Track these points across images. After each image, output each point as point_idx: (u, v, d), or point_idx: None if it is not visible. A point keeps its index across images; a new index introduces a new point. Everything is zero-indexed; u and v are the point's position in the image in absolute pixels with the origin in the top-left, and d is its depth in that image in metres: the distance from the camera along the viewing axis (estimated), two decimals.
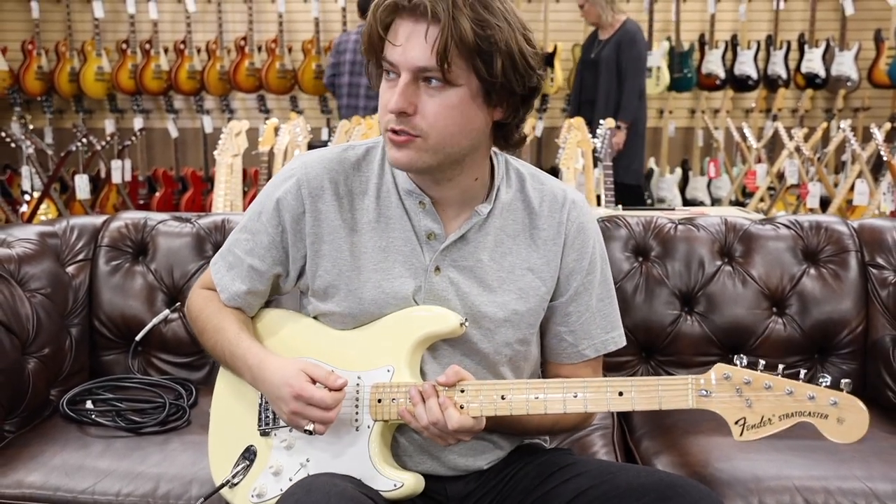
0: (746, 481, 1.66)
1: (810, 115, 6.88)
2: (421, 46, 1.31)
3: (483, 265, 1.47)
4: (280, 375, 1.41)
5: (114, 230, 2.26)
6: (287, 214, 1.48)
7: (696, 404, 1.33)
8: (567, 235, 1.50)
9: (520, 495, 1.48)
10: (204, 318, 1.57)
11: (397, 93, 1.34)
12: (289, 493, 1.36)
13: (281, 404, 1.41)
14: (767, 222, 2.29)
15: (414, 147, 1.37)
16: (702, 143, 6.95)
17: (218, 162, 4.05)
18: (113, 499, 1.65)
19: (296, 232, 1.49)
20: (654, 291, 2.19)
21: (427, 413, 1.36)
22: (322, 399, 1.38)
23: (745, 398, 1.30)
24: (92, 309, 2.19)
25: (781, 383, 1.29)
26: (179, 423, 1.90)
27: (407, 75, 1.33)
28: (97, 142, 5.47)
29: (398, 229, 1.47)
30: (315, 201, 1.47)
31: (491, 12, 1.32)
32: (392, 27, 1.34)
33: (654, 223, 2.27)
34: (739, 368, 1.32)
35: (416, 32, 1.32)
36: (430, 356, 1.48)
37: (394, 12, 1.33)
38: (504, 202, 1.50)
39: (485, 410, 1.38)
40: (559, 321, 1.53)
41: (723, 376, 1.32)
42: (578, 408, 1.34)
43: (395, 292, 1.46)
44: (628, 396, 1.34)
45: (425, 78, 1.34)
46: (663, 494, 1.34)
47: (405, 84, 1.34)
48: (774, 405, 1.29)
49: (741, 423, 1.31)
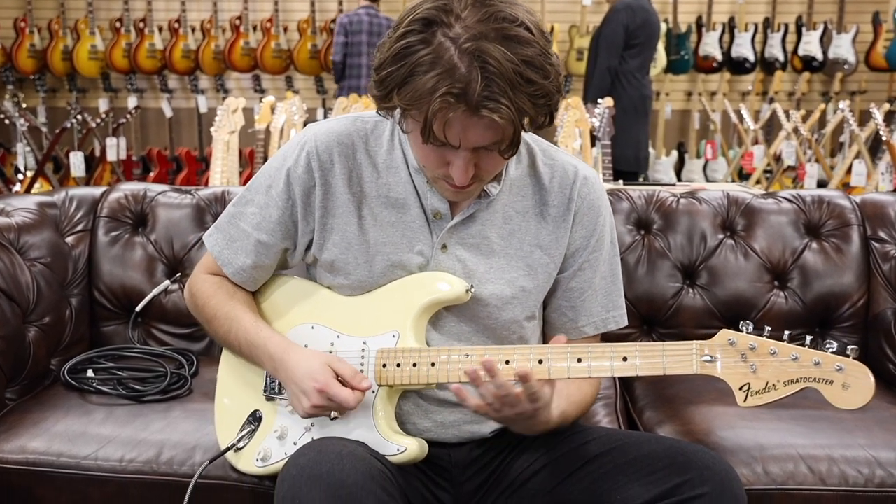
0: (750, 449, 1.66)
1: (807, 98, 6.88)
2: (482, 133, 1.27)
3: (491, 242, 1.46)
4: (305, 368, 1.39)
5: (113, 201, 2.25)
6: (297, 188, 1.47)
7: (701, 370, 1.32)
8: (577, 212, 1.49)
9: (525, 463, 1.48)
10: (214, 304, 1.54)
11: (461, 169, 1.31)
12: (299, 453, 1.35)
13: (302, 398, 1.39)
14: (769, 196, 2.29)
15: (473, 188, 1.38)
16: (698, 125, 6.96)
17: (214, 139, 4.03)
18: (116, 464, 1.65)
19: (306, 205, 1.47)
20: (656, 264, 2.18)
21: (497, 389, 1.32)
22: (346, 400, 1.37)
23: (750, 364, 1.30)
24: (92, 279, 2.18)
25: (787, 349, 1.29)
26: (181, 392, 1.89)
27: (468, 153, 1.31)
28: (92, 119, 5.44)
29: (407, 205, 1.46)
30: (325, 174, 1.46)
31: (541, 70, 1.25)
32: (450, 119, 1.26)
33: (656, 196, 2.27)
34: (744, 334, 1.31)
35: (479, 124, 1.26)
36: (436, 329, 1.47)
37: (454, 110, 1.24)
38: (513, 178, 1.49)
39: (486, 376, 1.36)
40: (561, 295, 1.53)
41: (727, 342, 1.31)
42: (582, 373, 1.34)
43: (404, 265, 1.46)
44: (632, 362, 1.33)
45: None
46: (674, 461, 1.34)
47: (468, 161, 1.31)
48: (779, 371, 1.29)
49: (745, 389, 1.30)
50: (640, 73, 5.16)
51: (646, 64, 5.15)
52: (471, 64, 1.22)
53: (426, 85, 1.23)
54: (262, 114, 4.28)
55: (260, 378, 1.53)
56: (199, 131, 6.80)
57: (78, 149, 5.13)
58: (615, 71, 5.03)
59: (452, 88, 1.22)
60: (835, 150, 6.39)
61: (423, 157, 1.37)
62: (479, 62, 1.22)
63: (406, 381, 1.41)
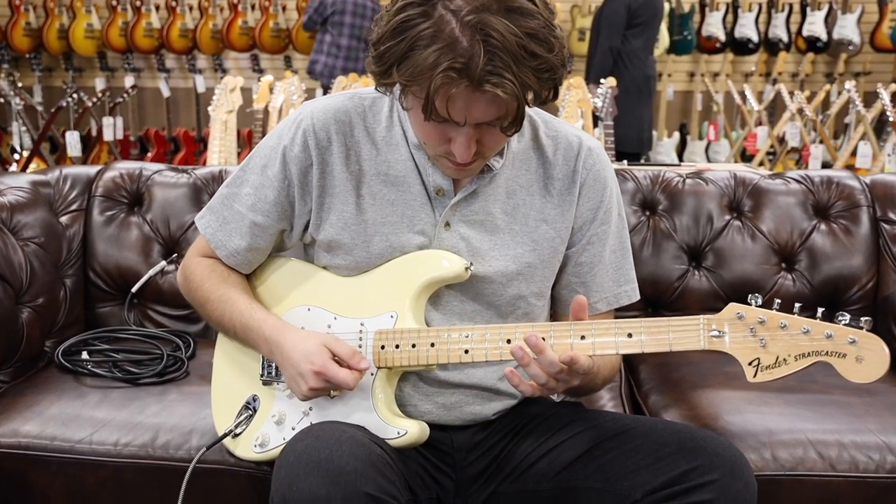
0: (758, 434, 1.63)
1: (811, 79, 6.83)
2: (485, 109, 1.25)
3: (494, 218, 1.44)
4: (301, 350, 1.37)
5: (108, 180, 2.22)
6: (294, 167, 1.44)
7: (708, 345, 1.28)
8: (583, 184, 1.46)
9: (530, 447, 1.46)
10: (207, 287, 1.51)
11: (463, 146, 1.29)
12: (296, 439, 1.33)
13: (300, 381, 1.37)
14: (777, 177, 2.26)
15: (475, 165, 1.36)
16: (701, 106, 6.91)
17: (212, 118, 4.00)
18: (111, 448, 1.63)
19: (303, 185, 1.44)
20: (662, 246, 2.16)
21: (549, 367, 1.28)
22: (344, 381, 1.34)
23: (760, 338, 1.25)
24: (86, 260, 2.16)
25: (798, 322, 1.25)
26: (178, 375, 1.88)
27: (470, 129, 1.28)
28: (88, 98, 5.39)
29: (407, 183, 1.43)
30: (322, 153, 1.43)
31: (545, 43, 1.22)
32: (452, 95, 1.23)
33: (661, 177, 2.24)
34: (754, 307, 1.27)
35: (482, 99, 1.23)
36: (437, 308, 1.44)
37: (457, 86, 1.21)
38: (516, 152, 1.46)
39: (490, 355, 1.35)
40: (570, 271, 1.50)
41: (736, 315, 1.27)
42: (586, 350, 1.30)
43: (403, 247, 1.43)
44: (637, 338, 1.30)
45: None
46: (683, 446, 1.32)
47: (470, 137, 1.29)
48: (790, 345, 1.24)
49: (755, 364, 1.26)
50: (643, 53, 5.11)
51: (649, 44, 5.10)
52: (473, 37, 1.19)
53: (427, 60, 1.19)
54: (261, 93, 4.25)
55: (256, 362, 1.51)
56: (197, 111, 6.74)
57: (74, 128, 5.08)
58: (617, 51, 4.98)
59: (454, 63, 1.19)
60: (838, 132, 6.34)
61: (423, 135, 1.34)
62: (481, 35, 1.19)
63: (405, 363, 1.38)
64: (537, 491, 1.43)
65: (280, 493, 1.23)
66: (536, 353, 1.28)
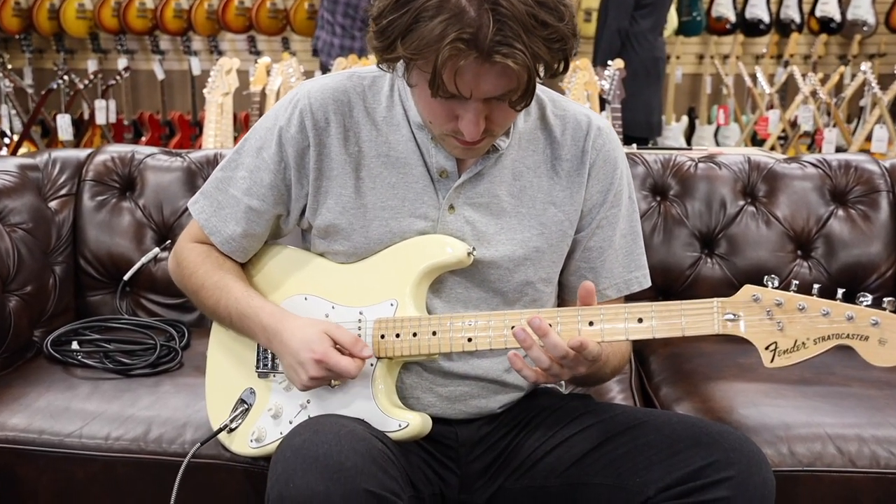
0: (775, 428, 1.61)
1: (824, 61, 6.78)
2: (495, 82, 1.22)
3: (500, 201, 1.42)
4: (301, 338, 1.35)
5: (99, 164, 2.20)
6: (290, 149, 1.42)
7: (723, 329, 1.25)
8: (592, 165, 1.44)
9: (538, 442, 1.44)
10: (201, 274, 1.49)
11: (472, 122, 1.26)
12: (294, 433, 1.31)
13: (299, 370, 1.35)
14: (793, 161, 2.25)
15: (483, 143, 1.33)
16: (710, 89, 6.87)
17: (208, 101, 3.96)
18: (102, 442, 1.61)
19: (299, 168, 1.43)
20: (673, 232, 2.15)
21: (552, 350, 1.26)
22: (346, 369, 1.32)
23: (777, 321, 1.22)
24: (77, 246, 2.14)
25: (817, 304, 1.22)
26: (171, 366, 1.86)
27: (478, 104, 1.25)
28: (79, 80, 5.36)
29: (409, 165, 1.41)
30: (319, 134, 1.41)
31: (555, 12, 1.20)
32: (461, 68, 1.20)
33: (672, 161, 2.23)
34: (770, 289, 1.24)
35: (492, 71, 1.21)
36: (440, 296, 1.43)
37: (465, 58, 1.19)
38: (522, 131, 1.44)
39: (494, 344, 1.33)
40: (579, 256, 1.48)
41: (752, 298, 1.24)
42: (595, 336, 1.28)
43: (404, 232, 1.41)
44: (648, 323, 1.27)
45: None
46: (698, 441, 1.29)
47: (479, 113, 1.26)
48: (809, 328, 1.21)
49: (772, 349, 1.23)
50: (651, 35, 5.06)
51: (658, 24, 5.06)
52: (481, 6, 1.17)
53: (433, 32, 1.17)
54: (258, 76, 4.23)
55: (252, 353, 1.49)
56: (192, 95, 6.70)
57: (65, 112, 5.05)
58: (626, 32, 4.94)
59: (462, 34, 1.16)
60: (851, 116, 6.30)
61: (429, 112, 1.32)
62: (489, 4, 1.17)
63: (406, 353, 1.37)
64: (545, 487, 1.41)
65: (276, 489, 1.21)
66: (540, 335, 1.25)
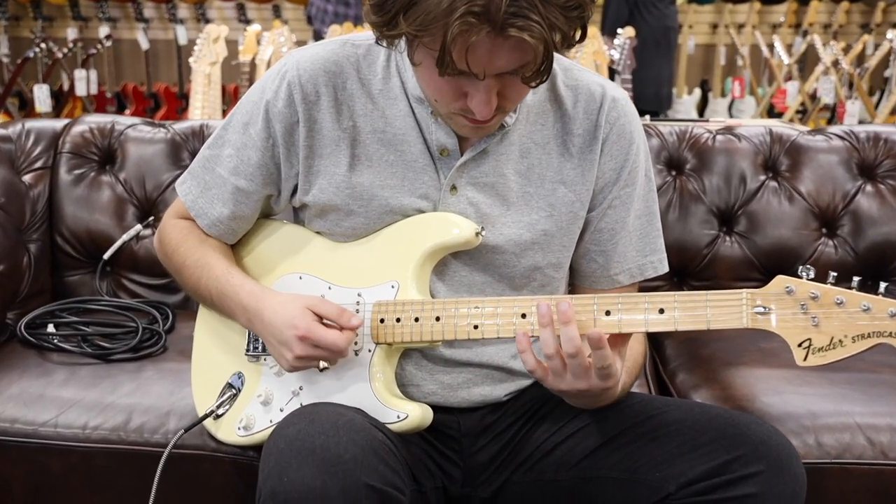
0: (800, 417, 1.60)
1: (845, 30, 6.76)
2: (508, 57, 1.17)
3: (507, 181, 1.39)
4: (282, 315, 1.33)
5: (76, 135, 2.19)
6: (278, 125, 1.39)
7: (752, 323, 1.21)
8: (605, 140, 1.41)
9: (547, 433, 1.42)
10: (183, 252, 1.48)
11: (484, 101, 1.22)
12: (287, 423, 1.28)
13: (283, 350, 1.33)
14: (818, 133, 2.24)
15: (494, 121, 1.30)
16: (724, 60, 6.86)
17: (194, 70, 3.98)
18: (79, 432, 1.60)
19: (288, 145, 1.40)
20: (689, 209, 2.14)
21: (566, 343, 1.21)
22: (334, 342, 1.30)
23: (811, 316, 1.19)
24: (53, 223, 2.13)
25: (856, 298, 1.18)
26: (154, 350, 1.86)
27: (490, 81, 1.21)
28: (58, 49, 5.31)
29: (407, 142, 1.38)
30: (310, 109, 1.38)
31: None
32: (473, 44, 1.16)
33: (689, 133, 2.23)
34: (805, 281, 1.20)
35: (506, 45, 1.16)
36: (442, 279, 1.40)
37: (477, 33, 1.14)
38: (530, 105, 1.40)
39: (502, 332, 1.30)
40: (589, 238, 1.45)
41: (784, 290, 1.20)
42: (611, 328, 1.25)
43: (403, 212, 1.39)
44: (670, 314, 1.24)
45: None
46: (723, 433, 1.27)
47: (490, 90, 1.22)
48: (847, 324, 1.17)
49: (806, 346, 1.19)
50: (662, 3, 5.04)
51: None
52: None
53: (440, 5, 1.12)
54: (247, 45, 4.23)
55: (241, 336, 1.48)
56: (178, 65, 6.68)
57: (43, 82, 5.00)
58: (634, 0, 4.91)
59: (473, 6, 1.11)
60: (874, 88, 6.26)
61: (434, 91, 1.28)
62: None
63: (407, 339, 1.34)
64: (555, 481, 1.39)
65: (269, 484, 1.18)
66: (562, 321, 1.21)
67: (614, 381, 1.24)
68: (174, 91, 6.52)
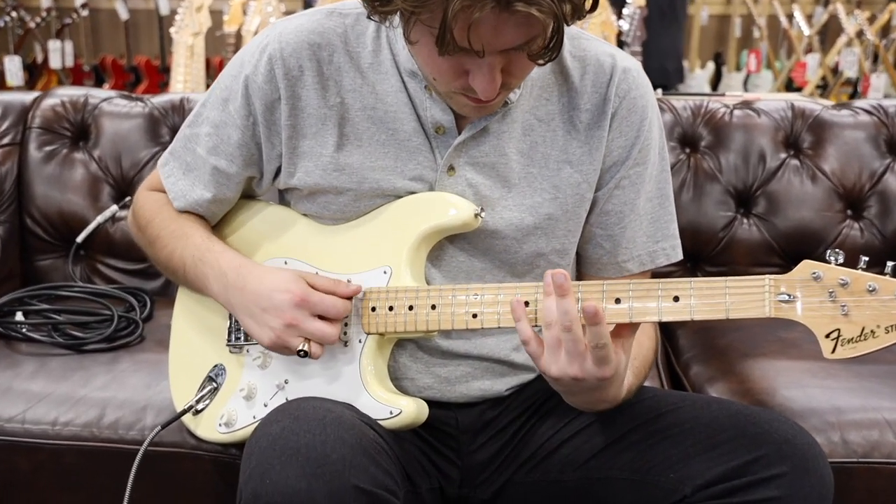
0: (824, 413, 1.59)
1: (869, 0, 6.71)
2: (514, 32, 1.14)
3: (508, 160, 1.37)
4: (271, 282, 1.32)
5: (47, 109, 2.20)
6: (258, 102, 1.37)
7: (775, 311, 1.19)
8: (614, 114, 1.38)
9: (551, 429, 1.40)
10: (158, 223, 1.49)
11: (487, 78, 1.19)
12: (270, 420, 1.26)
13: (270, 318, 1.31)
14: (843, 107, 2.25)
15: (498, 99, 1.28)
16: (740, 32, 6.85)
17: (175, 42, 3.96)
18: (48, 428, 1.59)
19: (269, 124, 1.38)
20: (704, 189, 2.14)
21: (562, 316, 1.18)
22: (333, 305, 1.29)
23: (841, 304, 1.16)
24: (22, 204, 2.14)
25: (891, 285, 1.14)
26: (130, 340, 1.87)
27: (494, 57, 1.18)
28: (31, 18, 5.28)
29: (399, 120, 1.36)
30: (292, 85, 1.36)
31: None
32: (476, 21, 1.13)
33: (704, 107, 2.24)
34: (833, 266, 1.17)
35: (511, 21, 1.13)
36: (437, 266, 1.39)
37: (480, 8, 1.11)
38: (534, 78, 1.37)
39: (503, 321, 1.28)
40: (595, 221, 1.43)
41: (811, 276, 1.17)
42: (621, 317, 1.23)
43: (396, 196, 1.38)
44: (686, 303, 1.21)
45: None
46: (742, 432, 1.25)
47: (494, 68, 1.19)
48: (880, 313, 1.14)
49: (834, 337, 1.17)
50: None
51: None
52: None
53: None
54: (233, 14, 4.24)
55: (223, 324, 1.47)
56: (160, 38, 6.67)
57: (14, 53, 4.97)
58: None
59: None
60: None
61: (433, 70, 1.25)
62: None
63: (401, 328, 1.33)
64: (560, 482, 1.38)
65: (251, 486, 1.16)
66: (559, 294, 1.19)
67: (611, 371, 1.20)
68: (156, 64, 6.51)
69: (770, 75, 6.48)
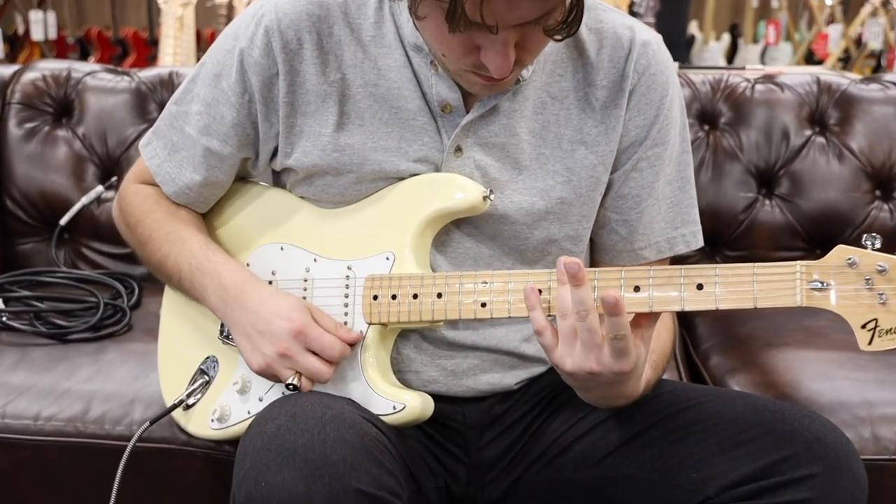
0: (854, 407, 1.58)
1: None
2: (530, 6, 1.12)
3: (520, 141, 1.36)
4: (273, 306, 1.31)
5: (28, 83, 2.20)
6: (255, 77, 1.36)
7: (807, 300, 1.17)
8: (632, 91, 1.37)
9: (564, 425, 1.39)
10: (149, 223, 1.47)
11: (501, 55, 1.17)
12: (265, 417, 1.25)
13: (263, 343, 1.30)
14: (872, 81, 2.26)
15: (511, 77, 1.26)
16: (757, 2, 6.85)
17: (164, 13, 3.98)
18: (30, 423, 1.59)
19: (267, 102, 1.37)
20: (724, 168, 2.15)
21: (577, 304, 1.17)
22: (331, 346, 1.28)
23: (878, 292, 1.13)
24: (2, 185, 2.15)
25: None
26: (117, 329, 1.87)
27: (507, 32, 1.16)
28: None
29: (403, 97, 1.35)
30: (291, 59, 1.35)
31: None
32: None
33: (724, 82, 2.25)
34: (870, 251, 1.15)
35: None
36: (443, 252, 1.38)
37: None
38: (547, 53, 1.35)
39: (514, 311, 1.26)
40: (611, 205, 1.42)
41: (846, 262, 1.15)
42: (640, 307, 1.21)
43: (399, 178, 1.37)
44: (710, 290, 1.19)
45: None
46: (770, 429, 1.23)
47: (508, 43, 1.17)
48: None
49: (871, 328, 1.15)
50: None
51: None
52: None
53: None
54: None
55: (214, 316, 1.44)
56: (148, 8, 6.74)
57: None
58: None
59: None
60: None
61: (442, 46, 1.23)
62: None
63: (404, 318, 1.32)
64: (573, 481, 1.37)
65: (244, 489, 1.15)
66: (573, 284, 1.17)
67: (630, 364, 1.19)
68: (144, 37, 6.55)
69: (789, 48, 6.48)
